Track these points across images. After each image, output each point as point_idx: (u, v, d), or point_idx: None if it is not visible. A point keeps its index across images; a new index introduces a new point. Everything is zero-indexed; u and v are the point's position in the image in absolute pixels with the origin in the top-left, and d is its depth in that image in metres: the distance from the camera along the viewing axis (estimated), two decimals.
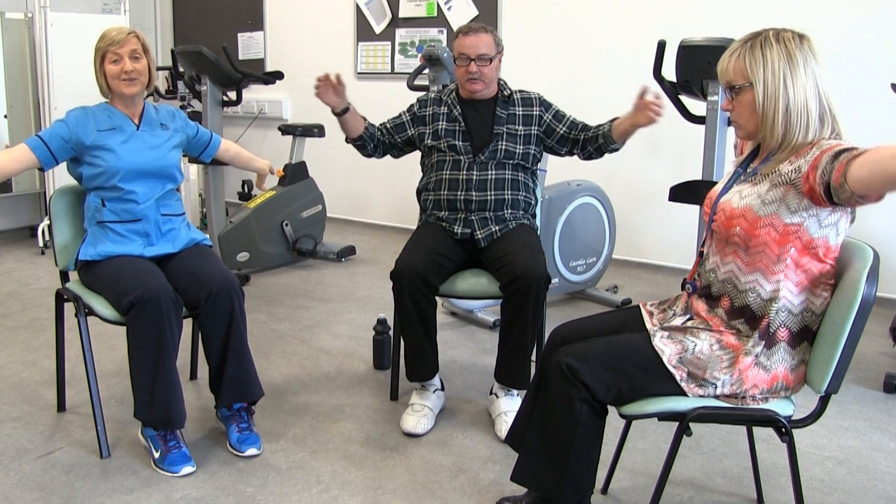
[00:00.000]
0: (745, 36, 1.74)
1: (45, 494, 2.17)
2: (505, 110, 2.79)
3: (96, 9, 5.80)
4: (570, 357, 1.75)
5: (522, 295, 2.43)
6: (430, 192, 2.81)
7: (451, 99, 2.84)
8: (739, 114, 1.74)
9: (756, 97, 1.69)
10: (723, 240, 1.78)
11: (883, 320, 3.55)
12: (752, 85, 1.69)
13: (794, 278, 1.70)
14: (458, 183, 2.73)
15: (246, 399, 2.46)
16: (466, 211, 2.72)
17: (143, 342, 2.23)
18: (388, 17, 5.46)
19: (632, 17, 4.49)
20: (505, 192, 2.73)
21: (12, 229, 5.36)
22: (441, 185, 2.77)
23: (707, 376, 1.72)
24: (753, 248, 1.71)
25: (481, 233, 2.69)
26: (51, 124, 2.51)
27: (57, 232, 2.55)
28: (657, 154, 4.50)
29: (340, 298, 4.08)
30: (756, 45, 1.70)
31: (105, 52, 2.43)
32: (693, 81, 3.22)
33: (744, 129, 1.76)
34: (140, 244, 2.47)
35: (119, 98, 2.50)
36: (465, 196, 2.72)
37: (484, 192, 2.71)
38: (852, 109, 3.81)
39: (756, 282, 1.72)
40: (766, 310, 1.72)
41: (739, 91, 1.72)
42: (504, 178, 2.73)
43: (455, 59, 2.75)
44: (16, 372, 3.04)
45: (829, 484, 2.28)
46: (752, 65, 1.69)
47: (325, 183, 5.03)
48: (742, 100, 1.72)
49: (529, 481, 1.89)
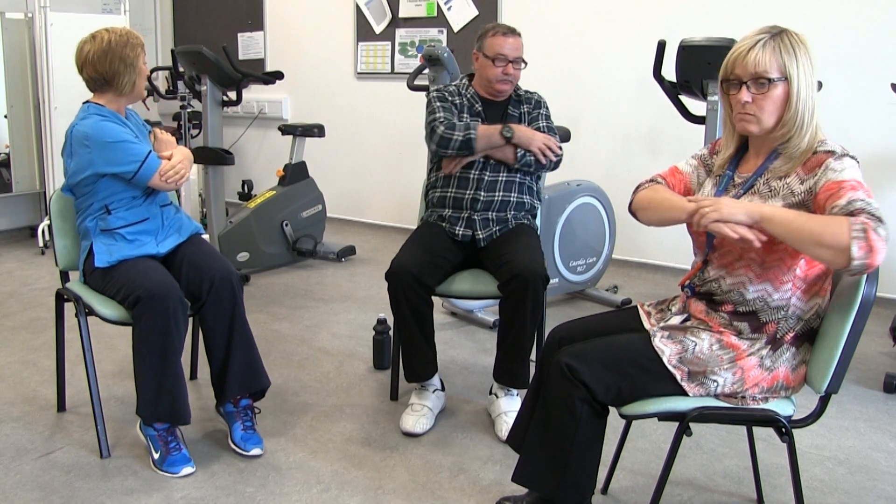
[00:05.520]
0: (765, 28, 1.69)
1: (45, 494, 2.17)
2: (517, 109, 2.83)
3: (96, 9, 5.80)
4: (570, 357, 1.75)
5: (520, 293, 2.43)
6: (437, 189, 2.81)
7: (469, 94, 2.83)
8: (762, 107, 1.68)
9: (792, 94, 1.66)
10: (733, 255, 1.74)
11: (883, 320, 3.54)
12: (786, 80, 1.66)
13: (803, 286, 1.71)
14: (468, 182, 2.73)
15: (254, 388, 2.46)
16: (471, 210, 2.72)
17: (150, 338, 2.23)
18: (388, 17, 5.46)
19: (631, 17, 4.49)
20: (511, 193, 2.74)
21: (12, 229, 5.36)
22: (450, 182, 2.76)
23: (708, 375, 1.71)
24: (769, 263, 1.69)
25: (482, 233, 2.69)
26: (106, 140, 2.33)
27: (57, 232, 2.55)
28: (657, 154, 4.50)
29: (340, 298, 4.08)
30: (786, 39, 1.66)
31: (142, 49, 2.43)
32: (693, 81, 3.22)
33: (761, 124, 1.70)
34: (152, 243, 2.47)
35: (130, 100, 2.49)
36: (474, 195, 2.72)
37: (493, 192, 2.72)
38: (852, 109, 3.81)
39: (765, 291, 1.71)
40: (774, 316, 1.71)
41: (770, 84, 1.66)
42: (513, 180, 2.75)
43: (490, 59, 2.73)
44: (16, 372, 3.04)
45: (829, 484, 2.28)
46: (788, 59, 1.65)
47: (325, 183, 5.03)
48: (771, 94, 1.66)
49: (530, 482, 1.89)
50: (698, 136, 3.38)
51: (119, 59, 2.38)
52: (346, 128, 5.76)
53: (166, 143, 2.55)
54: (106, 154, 2.33)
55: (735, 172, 1.81)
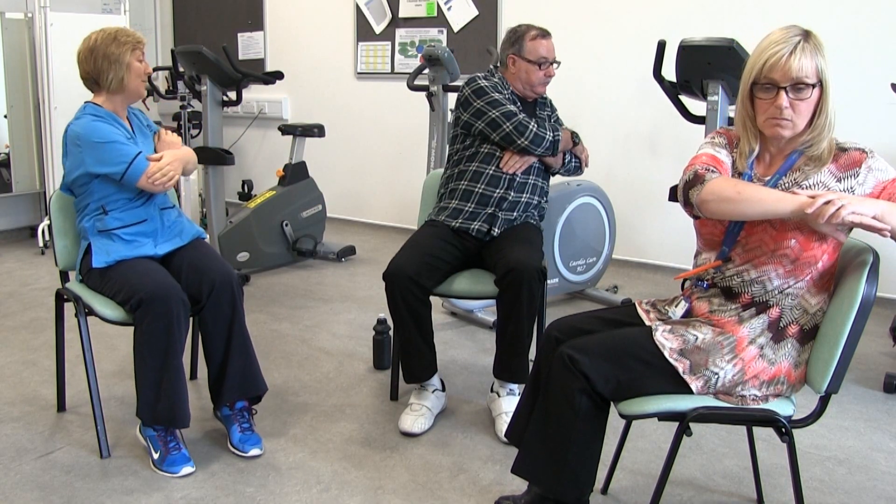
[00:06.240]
0: (797, 30, 1.67)
1: (45, 494, 2.17)
2: (542, 111, 2.88)
3: (96, 9, 5.80)
4: (571, 349, 1.76)
5: (516, 287, 2.43)
6: (462, 182, 2.77)
7: (509, 92, 2.82)
8: (799, 112, 1.67)
9: (825, 98, 1.67)
10: (764, 251, 1.74)
11: (883, 320, 3.54)
12: (821, 84, 1.67)
13: (818, 280, 1.72)
14: (499, 180, 2.73)
15: (251, 394, 2.46)
16: (497, 208, 2.73)
17: (151, 340, 2.23)
18: (388, 17, 5.46)
19: (631, 17, 4.49)
20: (534, 196, 2.80)
21: (12, 229, 5.36)
22: (481, 178, 2.75)
23: (710, 365, 1.72)
24: (803, 259, 1.70)
25: (497, 230, 2.72)
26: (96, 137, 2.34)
27: (57, 232, 2.55)
28: (657, 154, 4.50)
29: (340, 298, 4.08)
30: (813, 43, 1.66)
31: (134, 47, 2.41)
32: (693, 81, 3.22)
33: (796, 128, 1.70)
34: (150, 244, 2.46)
35: (125, 99, 2.47)
36: (503, 194, 2.73)
37: (521, 193, 2.75)
38: (852, 109, 3.81)
39: (787, 282, 1.72)
40: (783, 302, 1.73)
41: (807, 89, 1.66)
42: (537, 183, 2.80)
43: (533, 62, 2.76)
44: (16, 372, 3.04)
45: (829, 484, 2.28)
46: (822, 63, 1.66)
47: (325, 183, 5.03)
48: (809, 99, 1.67)
49: (529, 475, 1.88)
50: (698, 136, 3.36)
51: (103, 56, 2.38)
52: (346, 128, 5.76)
53: (168, 144, 2.54)
54: (95, 154, 2.33)
55: (753, 172, 1.80)
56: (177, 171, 2.41)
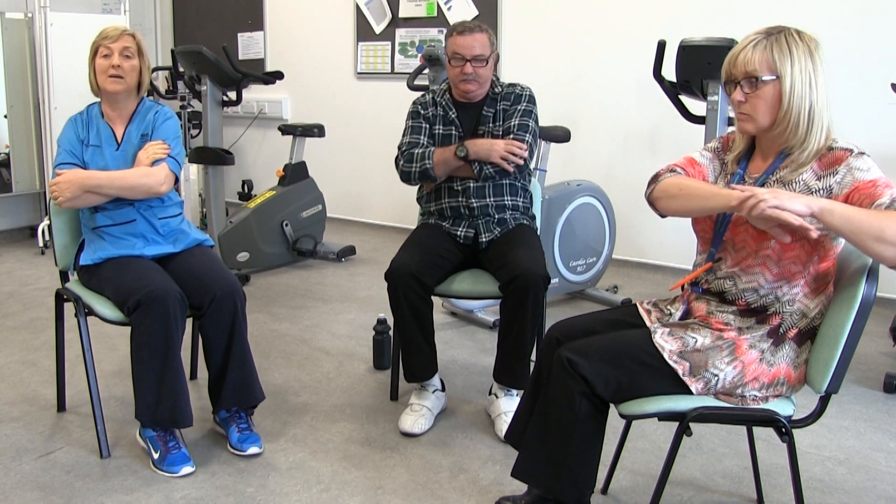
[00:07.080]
0: (764, 29, 1.70)
1: (45, 494, 2.17)
2: (492, 108, 2.72)
3: (96, 9, 5.80)
4: (571, 352, 1.76)
5: (521, 294, 2.42)
6: (431, 203, 2.78)
7: (445, 100, 2.77)
8: (755, 107, 1.70)
9: (783, 93, 1.67)
10: (748, 252, 1.74)
11: (883, 320, 3.54)
12: (778, 79, 1.67)
13: (813, 283, 1.72)
14: (455, 192, 2.71)
15: (246, 404, 2.46)
16: (471, 217, 2.71)
17: (150, 341, 2.23)
18: (388, 17, 5.46)
19: (632, 17, 4.48)
20: (504, 197, 2.71)
21: (12, 229, 5.36)
22: (441, 193, 2.74)
23: (709, 368, 1.72)
24: (786, 259, 1.70)
25: (484, 236, 2.68)
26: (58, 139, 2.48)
27: (57, 232, 2.55)
28: (657, 154, 4.50)
29: (340, 298, 4.08)
30: (781, 39, 1.67)
31: (98, 45, 2.41)
32: (693, 81, 3.22)
33: (756, 123, 1.72)
34: (139, 244, 2.46)
35: (105, 98, 2.47)
36: (467, 203, 2.69)
37: (483, 198, 2.69)
38: (852, 109, 3.81)
39: (780, 288, 1.72)
40: (781, 309, 1.73)
41: (761, 84, 1.67)
42: (501, 184, 2.70)
43: (449, 59, 2.66)
44: (16, 372, 3.04)
45: (829, 484, 2.28)
46: (780, 58, 1.66)
47: (325, 183, 5.03)
48: (762, 93, 1.68)
49: (529, 477, 1.88)
50: (698, 136, 3.38)
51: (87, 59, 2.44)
52: (346, 128, 5.76)
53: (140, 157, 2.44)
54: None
55: (745, 172, 1.81)
56: (64, 193, 2.31)
